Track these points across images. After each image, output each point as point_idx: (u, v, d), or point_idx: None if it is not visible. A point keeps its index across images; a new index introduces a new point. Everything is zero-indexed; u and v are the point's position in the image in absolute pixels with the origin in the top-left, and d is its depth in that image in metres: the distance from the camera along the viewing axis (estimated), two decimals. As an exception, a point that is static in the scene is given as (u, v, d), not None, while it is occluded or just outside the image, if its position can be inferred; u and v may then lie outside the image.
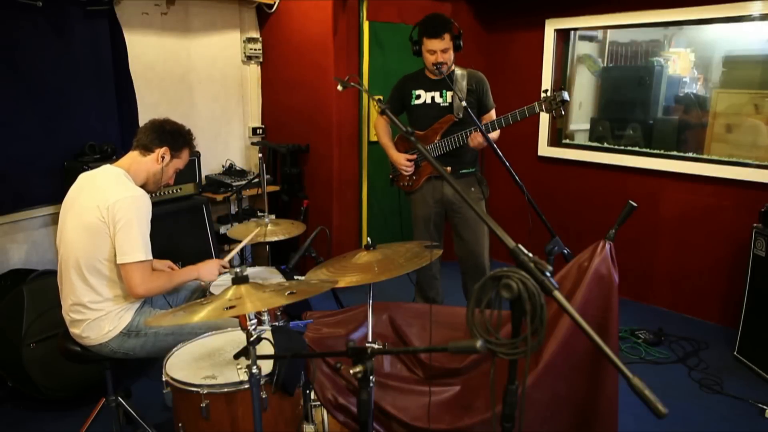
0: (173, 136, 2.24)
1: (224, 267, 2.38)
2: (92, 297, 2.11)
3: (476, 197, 3.12)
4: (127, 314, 2.16)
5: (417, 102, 3.11)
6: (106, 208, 2.04)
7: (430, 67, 2.97)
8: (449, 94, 3.01)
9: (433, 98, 3.08)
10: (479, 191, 3.13)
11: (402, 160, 3.15)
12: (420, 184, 3.17)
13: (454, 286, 3.38)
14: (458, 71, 3.04)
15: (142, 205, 2.09)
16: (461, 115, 2.99)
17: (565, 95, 2.67)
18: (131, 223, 2.04)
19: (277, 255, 4.03)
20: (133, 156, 2.22)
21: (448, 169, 3.02)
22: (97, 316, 2.12)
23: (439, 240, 3.25)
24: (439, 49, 2.89)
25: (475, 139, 2.91)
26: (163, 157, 2.22)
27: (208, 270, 2.32)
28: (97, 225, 2.05)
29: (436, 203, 3.15)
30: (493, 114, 3.12)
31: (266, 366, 1.72)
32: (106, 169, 2.20)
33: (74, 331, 2.16)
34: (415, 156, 3.13)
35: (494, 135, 2.98)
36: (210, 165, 4.23)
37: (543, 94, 2.72)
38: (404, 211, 3.31)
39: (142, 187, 2.21)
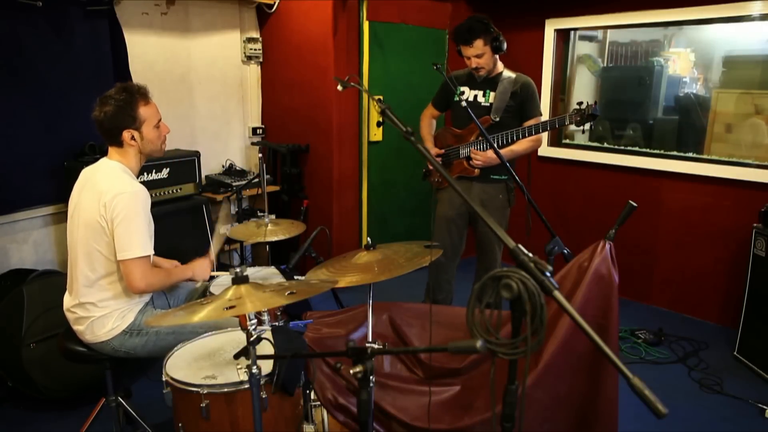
0: (119, 115, 2.10)
1: (212, 262, 2.38)
2: (99, 295, 2.12)
3: (501, 205, 3.08)
4: (130, 314, 2.17)
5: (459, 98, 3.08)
6: (104, 205, 2.03)
7: (471, 70, 2.97)
8: (492, 94, 2.97)
9: (475, 96, 3.04)
10: (506, 199, 3.09)
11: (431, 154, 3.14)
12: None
13: (465, 288, 3.36)
14: (507, 74, 2.99)
15: (140, 200, 2.07)
16: (498, 118, 2.95)
17: (597, 110, 2.62)
18: (129, 219, 2.03)
19: (277, 255, 4.03)
20: (115, 151, 2.17)
21: (477, 171, 3.02)
22: (102, 313, 2.12)
23: (459, 241, 3.22)
24: (472, 55, 2.88)
25: (473, 157, 2.94)
26: (132, 138, 2.13)
27: (201, 269, 2.33)
28: (97, 221, 2.05)
29: (461, 205, 3.13)
30: (536, 121, 2.99)
31: (266, 366, 1.72)
32: (104, 163, 2.18)
33: (77, 328, 2.16)
34: (443, 151, 3.12)
35: (527, 144, 2.94)
36: (210, 165, 4.23)
37: (576, 106, 2.67)
38: (407, 210, 3.31)
39: (148, 164, 2.20)
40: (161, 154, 2.30)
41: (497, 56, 2.97)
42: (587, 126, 2.67)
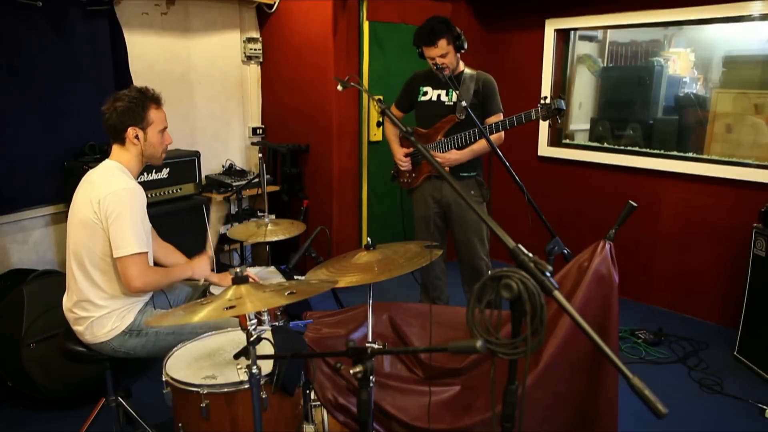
0: (128, 112, 2.12)
1: (210, 259, 2.39)
2: (98, 294, 2.12)
3: (475, 201, 3.09)
4: (130, 314, 2.17)
5: (423, 98, 3.10)
6: (98, 203, 2.03)
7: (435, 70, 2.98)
8: (455, 93, 2.99)
9: (439, 96, 3.06)
10: (479, 195, 3.11)
11: (399, 155, 3.15)
12: (419, 183, 3.16)
13: (455, 287, 3.37)
14: (468, 72, 3.01)
15: (134, 197, 2.08)
16: (463, 117, 2.96)
17: (562, 104, 2.63)
18: (123, 216, 2.03)
19: (277, 255, 4.03)
20: (117, 149, 2.19)
21: (447, 170, 3.02)
22: (102, 314, 2.12)
23: (441, 240, 3.23)
24: (436, 56, 2.88)
25: (445, 156, 2.95)
26: (137, 137, 2.15)
27: (201, 267, 2.33)
28: (91, 220, 2.05)
29: (436, 203, 3.14)
30: (498, 118, 3.04)
31: (266, 366, 1.72)
32: (104, 164, 2.19)
33: (77, 328, 2.16)
34: (412, 150, 3.12)
35: (495, 138, 2.95)
36: (210, 165, 4.23)
37: (542, 101, 2.68)
38: (406, 211, 3.30)
39: (148, 164, 2.25)
40: (159, 162, 2.30)
41: (459, 54, 2.98)
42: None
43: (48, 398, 2.73)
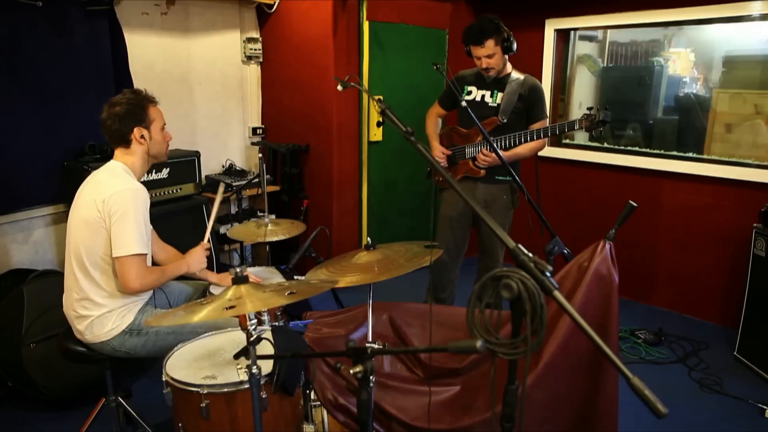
0: (131, 113, 2.14)
1: (205, 248, 2.37)
2: (98, 292, 2.12)
3: (505, 206, 3.08)
4: (130, 314, 2.17)
5: (467, 98, 3.05)
6: (102, 202, 2.04)
7: (481, 70, 2.97)
8: (500, 95, 2.96)
9: (483, 96, 3.04)
10: (510, 200, 3.09)
11: (437, 152, 3.13)
12: None
13: (466, 287, 3.36)
14: (515, 75, 2.98)
15: (139, 198, 2.08)
16: (505, 119, 2.94)
17: (608, 115, 2.58)
18: (126, 216, 2.03)
19: (277, 255, 4.03)
20: (121, 152, 2.19)
21: (483, 172, 3.01)
22: (102, 312, 2.12)
23: (462, 243, 3.21)
24: (482, 56, 2.87)
25: (480, 158, 2.92)
26: (142, 136, 2.17)
27: (195, 260, 2.32)
28: (94, 220, 2.05)
29: (465, 205, 3.11)
30: (543, 124, 2.99)
31: (266, 366, 1.72)
32: (108, 165, 2.20)
33: (77, 327, 2.16)
34: (450, 151, 3.11)
35: (533, 145, 2.94)
36: (210, 165, 4.23)
37: (587, 112, 2.63)
38: (407, 210, 3.30)
39: (153, 162, 2.27)
40: (165, 158, 2.33)
41: (506, 57, 2.96)
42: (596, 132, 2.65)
43: (48, 398, 2.73)
